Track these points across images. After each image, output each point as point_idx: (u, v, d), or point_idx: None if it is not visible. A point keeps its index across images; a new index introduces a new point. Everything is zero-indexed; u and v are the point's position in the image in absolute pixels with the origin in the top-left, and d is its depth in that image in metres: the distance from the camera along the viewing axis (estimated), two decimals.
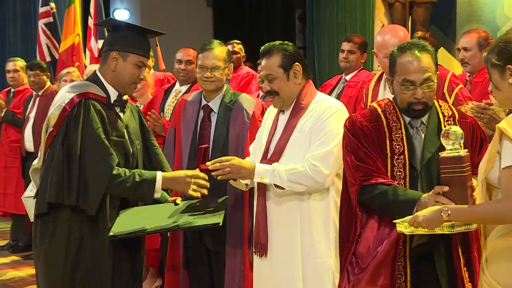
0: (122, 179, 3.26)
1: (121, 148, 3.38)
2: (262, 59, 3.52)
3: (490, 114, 3.67)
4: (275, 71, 3.46)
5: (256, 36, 10.85)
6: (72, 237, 3.30)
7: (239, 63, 7.51)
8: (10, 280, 6.42)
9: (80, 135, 3.26)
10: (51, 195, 3.24)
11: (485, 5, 7.26)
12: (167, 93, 5.69)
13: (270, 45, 3.53)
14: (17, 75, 7.68)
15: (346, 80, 5.56)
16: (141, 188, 3.30)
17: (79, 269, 3.31)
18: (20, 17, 11.31)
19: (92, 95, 3.37)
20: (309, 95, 3.50)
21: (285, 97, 3.48)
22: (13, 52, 10.78)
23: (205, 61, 3.97)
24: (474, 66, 5.34)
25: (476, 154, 2.96)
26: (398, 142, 2.94)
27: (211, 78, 3.96)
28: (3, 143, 7.62)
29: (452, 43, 7.64)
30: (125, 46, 3.42)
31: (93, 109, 3.32)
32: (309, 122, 3.41)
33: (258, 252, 3.52)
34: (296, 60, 3.48)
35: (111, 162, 3.25)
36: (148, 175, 3.34)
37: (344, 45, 5.67)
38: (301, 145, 3.39)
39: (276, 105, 3.53)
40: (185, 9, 11.36)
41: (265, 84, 3.50)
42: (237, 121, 3.93)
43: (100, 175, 3.24)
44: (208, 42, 4.06)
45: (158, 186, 3.33)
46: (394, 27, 4.69)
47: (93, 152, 3.26)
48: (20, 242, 7.62)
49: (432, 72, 2.94)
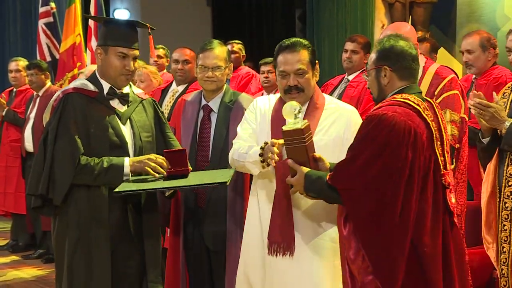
0: (90, 168, 3.38)
1: (104, 140, 3.46)
2: (284, 53, 3.42)
3: (492, 112, 3.69)
4: (307, 66, 3.41)
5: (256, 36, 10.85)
6: (70, 230, 3.44)
7: (239, 63, 7.51)
8: (10, 280, 6.43)
9: (56, 128, 3.41)
10: (31, 187, 3.43)
11: (485, 5, 7.26)
12: (164, 93, 5.70)
13: (294, 40, 3.46)
14: (19, 75, 7.68)
15: (349, 80, 5.55)
16: (109, 173, 3.40)
17: (81, 262, 3.43)
18: (20, 17, 11.32)
19: (77, 90, 3.50)
20: (321, 95, 3.51)
21: (308, 94, 3.45)
22: (13, 52, 10.79)
23: (206, 61, 3.96)
24: (478, 68, 5.32)
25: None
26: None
27: (212, 78, 3.95)
28: (4, 142, 7.62)
29: (452, 43, 7.64)
30: (104, 40, 3.56)
31: (72, 102, 3.45)
32: (337, 127, 3.39)
33: (275, 251, 3.38)
34: (316, 58, 3.49)
35: (75, 154, 3.37)
36: (116, 161, 3.43)
37: (348, 45, 5.65)
38: (327, 148, 3.33)
39: (300, 101, 3.35)
40: (185, 8, 11.38)
41: (292, 79, 3.40)
42: (237, 120, 3.90)
43: (65, 166, 3.37)
44: (208, 42, 4.06)
45: (126, 170, 3.42)
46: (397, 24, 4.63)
47: (61, 144, 3.40)
48: (20, 242, 7.62)
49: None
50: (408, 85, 3.00)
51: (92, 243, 3.42)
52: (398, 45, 3.00)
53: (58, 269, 3.53)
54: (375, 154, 2.78)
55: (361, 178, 2.79)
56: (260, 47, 10.03)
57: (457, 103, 4.10)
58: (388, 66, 2.98)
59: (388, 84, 3.00)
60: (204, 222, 3.94)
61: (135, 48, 3.55)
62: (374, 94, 3.07)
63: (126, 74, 3.54)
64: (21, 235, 7.61)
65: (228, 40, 7.73)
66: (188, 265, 4.02)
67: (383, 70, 2.99)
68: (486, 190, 4.03)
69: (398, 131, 2.79)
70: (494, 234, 3.97)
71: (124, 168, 3.42)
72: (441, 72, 4.21)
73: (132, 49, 3.54)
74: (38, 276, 6.41)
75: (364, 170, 2.79)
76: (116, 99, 3.58)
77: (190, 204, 3.98)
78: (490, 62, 5.33)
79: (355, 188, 2.81)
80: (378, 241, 2.80)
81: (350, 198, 2.83)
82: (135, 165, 3.44)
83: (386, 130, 2.79)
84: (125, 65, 3.52)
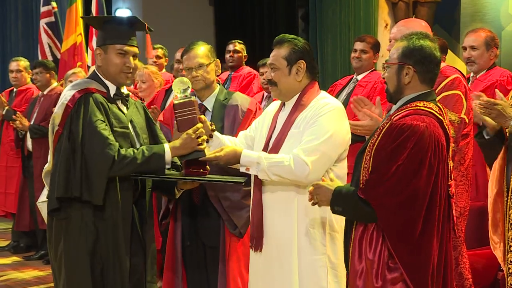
0: (131, 158, 3.36)
1: (127, 139, 3.48)
2: (273, 48, 3.56)
3: (499, 109, 3.70)
4: (279, 62, 3.51)
5: (258, 35, 10.82)
6: (87, 231, 3.40)
7: (241, 63, 7.49)
8: (11, 281, 6.42)
9: (81, 128, 3.37)
10: (59, 189, 3.35)
11: (489, 5, 7.22)
12: (168, 93, 5.69)
13: (283, 37, 3.57)
14: (20, 75, 7.68)
15: (358, 80, 5.53)
16: (151, 161, 3.39)
17: (97, 261, 3.42)
18: (21, 16, 11.32)
19: (94, 90, 3.49)
20: (311, 94, 3.51)
21: (282, 90, 3.53)
22: (14, 52, 10.80)
23: (187, 62, 4.01)
24: (480, 65, 5.30)
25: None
26: None
27: (198, 77, 3.99)
28: (4, 142, 7.60)
29: (456, 43, 7.61)
30: (103, 39, 3.57)
31: (94, 102, 3.43)
32: (305, 118, 3.43)
33: (253, 246, 3.54)
34: (303, 58, 3.50)
35: (109, 151, 3.33)
36: (156, 148, 3.46)
37: (357, 45, 5.63)
38: (296, 140, 3.41)
39: (274, 95, 3.61)
40: (187, 8, 11.36)
41: (268, 72, 3.56)
42: (230, 116, 4.01)
43: (100, 165, 3.33)
44: (189, 44, 4.09)
45: (168, 157, 3.44)
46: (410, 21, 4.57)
47: (92, 143, 3.36)
48: (22, 243, 7.61)
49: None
50: (428, 91, 2.94)
51: (111, 242, 3.43)
52: (427, 47, 2.91)
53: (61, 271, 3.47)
54: (410, 167, 2.76)
55: (396, 191, 2.76)
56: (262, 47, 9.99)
57: (458, 103, 4.05)
58: (413, 66, 2.91)
59: (408, 84, 2.93)
60: (199, 217, 3.99)
61: (134, 45, 3.56)
62: (391, 89, 2.99)
63: (127, 71, 3.55)
64: (22, 236, 7.59)
65: (230, 39, 7.71)
66: (184, 261, 4.06)
67: (406, 68, 2.91)
68: (492, 189, 4.00)
69: (429, 143, 2.78)
70: (501, 234, 3.94)
71: (165, 154, 3.43)
72: (445, 71, 4.16)
73: (131, 46, 3.55)
74: (39, 277, 6.41)
75: (399, 183, 2.76)
76: (120, 100, 3.59)
77: (185, 200, 4.01)
78: (491, 61, 5.30)
79: (390, 201, 2.77)
80: (412, 250, 2.79)
81: (385, 211, 2.79)
82: (176, 150, 3.47)
83: (420, 143, 2.76)
84: (125, 62, 3.53)
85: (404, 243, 2.79)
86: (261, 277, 3.55)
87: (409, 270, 2.78)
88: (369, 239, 2.85)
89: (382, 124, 2.92)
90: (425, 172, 2.77)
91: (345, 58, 8.02)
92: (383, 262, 2.81)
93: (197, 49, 4.01)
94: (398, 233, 2.79)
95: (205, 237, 3.99)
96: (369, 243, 2.85)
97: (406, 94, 2.94)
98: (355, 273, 2.88)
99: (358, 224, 2.91)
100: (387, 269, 2.80)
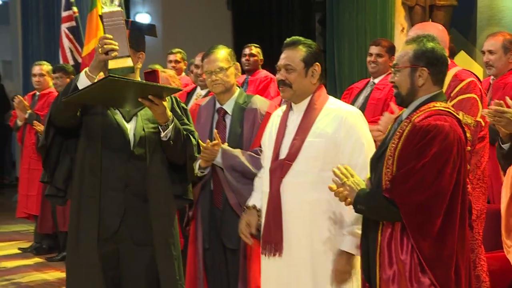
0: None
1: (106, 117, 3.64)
2: (285, 49, 3.54)
3: (508, 117, 3.62)
4: (296, 63, 3.47)
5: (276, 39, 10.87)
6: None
7: (257, 67, 7.54)
8: (34, 282, 6.51)
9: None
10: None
11: (506, 9, 7.23)
12: (189, 96, 5.76)
13: (296, 38, 3.56)
14: (42, 79, 7.70)
15: (375, 83, 5.56)
16: (71, 83, 3.64)
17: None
18: (43, 21, 11.41)
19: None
20: (322, 98, 3.52)
21: (297, 91, 3.48)
22: (36, 56, 10.89)
23: (208, 66, 4.06)
24: (498, 69, 5.32)
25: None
26: None
27: (217, 81, 4.02)
28: (26, 145, 7.66)
29: (472, 46, 7.62)
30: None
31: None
32: (331, 127, 3.41)
33: (267, 252, 3.45)
34: (318, 60, 3.51)
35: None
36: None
37: (372, 49, 5.65)
38: (319, 149, 3.38)
39: (285, 96, 3.54)
40: (205, 12, 11.42)
41: (281, 74, 3.50)
42: (250, 119, 4.02)
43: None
44: (209, 48, 4.14)
45: (82, 74, 3.51)
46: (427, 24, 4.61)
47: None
48: (44, 244, 7.71)
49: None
50: (439, 92, 2.98)
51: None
52: (438, 48, 2.96)
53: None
54: (435, 166, 2.79)
55: (420, 189, 2.79)
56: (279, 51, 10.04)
57: (474, 106, 4.07)
58: (427, 68, 2.94)
59: (422, 86, 2.95)
60: (220, 220, 4.01)
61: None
62: (403, 92, 2.99)
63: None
64: (45, 238, 7.69)
65: (248, 43, 7.77)
66: (205, 264, 4.08)
67: (420, 70, 2.93)
68: (506, 194, 4.01)
69: (453, 142, 2.82)
70: None
71: (80, 73, 3.53)
72: (460, 74, 4.20)
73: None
74: (61, 278, 6.44)
75: (424, 181, 2.79)
76: None
77: (206, 204, 4.05)
78: (510, 65, 5.33)
79: (414, 198, 2.80)
80: (434, 245, 2.81)
81: (408, 208, 2.81)
82: (89, 68, 3.51)
83: (445, 142, 2.80)
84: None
85: (425, 239, 2.80)
86: (278, 284, 3.45)
87: (431, 266, 2.80)
88: (400, 240, 2.85)
89: (401, 127, 2.93)
90: (449, 170, 2.80)
91: (362, 62, 8.03)
92: (415, 264, 2.83)
93: (217, 53, 4.05)
94: (419, 229, 2.80)
95: (226, 239, 4.00)
96: (400, 244, 2.85)
97: (420, 96, 2.96)
98: (387, 280, 2.87)
99: (385, 228, 2.90)
100: (420, 271, 2.82)
